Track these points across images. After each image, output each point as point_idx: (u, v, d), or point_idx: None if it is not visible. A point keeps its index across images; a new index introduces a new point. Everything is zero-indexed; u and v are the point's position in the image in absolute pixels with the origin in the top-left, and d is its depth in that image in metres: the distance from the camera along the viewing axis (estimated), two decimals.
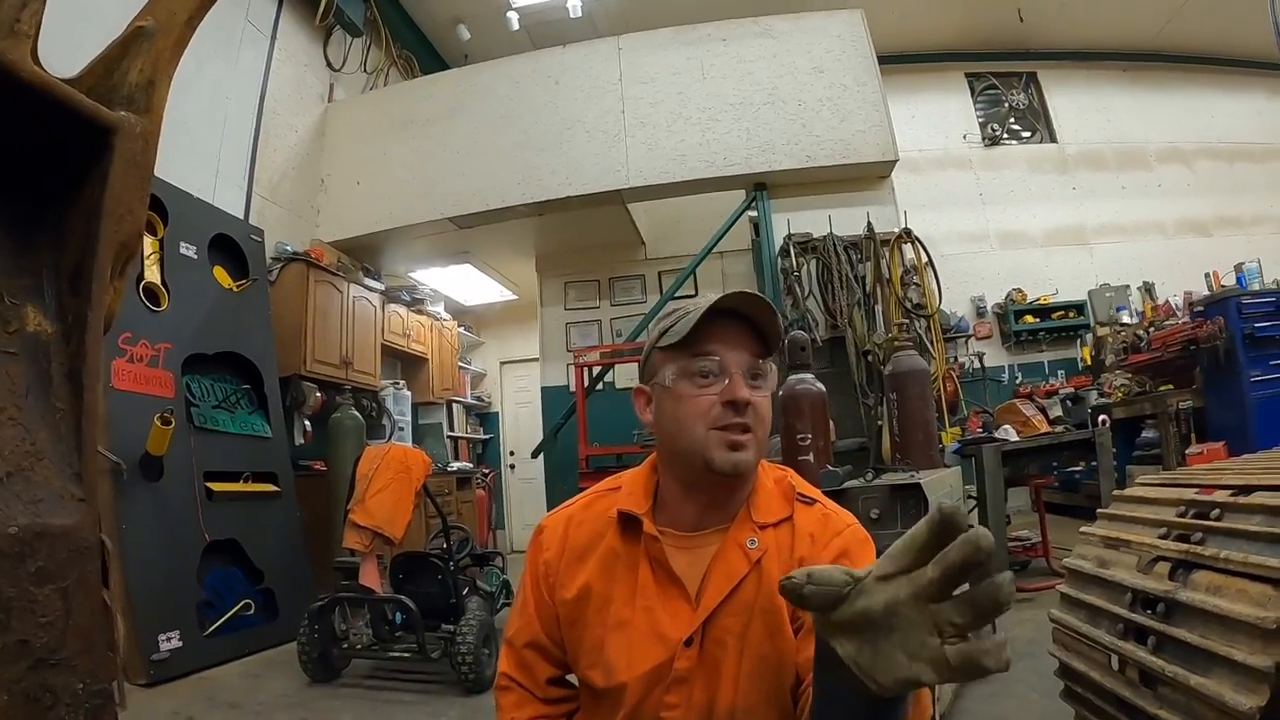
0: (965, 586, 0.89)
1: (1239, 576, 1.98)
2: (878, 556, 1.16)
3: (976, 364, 10.68)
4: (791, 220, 8.23)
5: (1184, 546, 2.23)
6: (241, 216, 7.75)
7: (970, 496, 6.03)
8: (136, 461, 5.50)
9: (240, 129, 8.02)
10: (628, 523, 1.71)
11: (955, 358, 10.46)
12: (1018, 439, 6.44)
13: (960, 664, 0.87)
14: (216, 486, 6.27)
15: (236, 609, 6.12)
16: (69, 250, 1.31)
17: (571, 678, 1.85)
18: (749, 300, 1.63)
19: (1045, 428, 6.82)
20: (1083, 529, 2.81)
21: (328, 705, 4.91)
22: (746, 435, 1.58)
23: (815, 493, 1.75)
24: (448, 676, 5.08)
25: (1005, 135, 12.68)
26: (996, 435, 6.45)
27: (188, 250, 6.50)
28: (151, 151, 1.47)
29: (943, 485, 3.94)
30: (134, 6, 1.61)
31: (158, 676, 5.25)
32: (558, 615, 1.76)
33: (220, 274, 6.98)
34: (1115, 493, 2.86)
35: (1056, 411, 7.56)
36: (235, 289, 7.08)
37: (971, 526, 0.87)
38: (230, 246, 7.20)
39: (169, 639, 5.37)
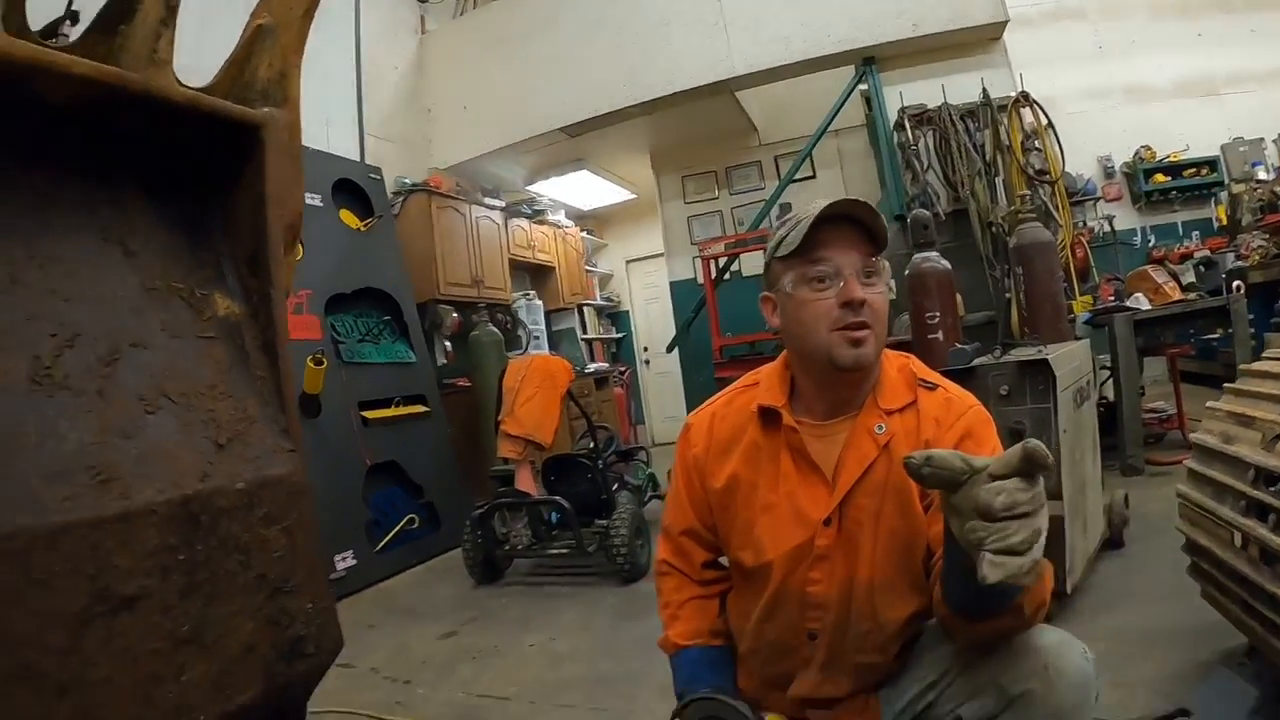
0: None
1: None
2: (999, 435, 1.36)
3: (1106, 228, 10.14)
4: (904, 92, 7.99)
5: None
6: (358, 159, 8.01)
7: (1104, 367, 5.93)
8: (296, 402, 5.82)
9: (342, 76, 8.24)
10: (767, 416, 1.88)
11: (1084, 222, 9.89)
12: (1149, 307, 6.22)
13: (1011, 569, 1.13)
14: (370, 414, 6.64)
15: (401, 524, 6.55)
16: (241, 238, 1.51)
17: (723, 560, 2.07)
18: (852, 205, 1.74)
19: (1178, 295, 6.53)
20: (1209, 404, 2.76)
21: (495, 603, 5.28)
22: (865, 332, 1.70)
23: (936, 377, 1.88)
24: (604, 568, 5.37)
25: None
26: (1128, 304, 6.25)
27: (313, 200, 6.74)
28: (297, 138, 1.66)
29: (1071, 359, 3.88)
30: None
31: (337, 593, 5.63)
32: (709, 503, 1.96)
33: (347, 216, 7.26)
34: (1242, 367, 2.77)
35: (1190, 278, 7.29)
36: (363, 228, 7.36)
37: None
38: (352, 189, 7.46)
39: (344, 558, 5.80)
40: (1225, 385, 2.75)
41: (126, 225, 1.36)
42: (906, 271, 4.98)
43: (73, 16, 2.26)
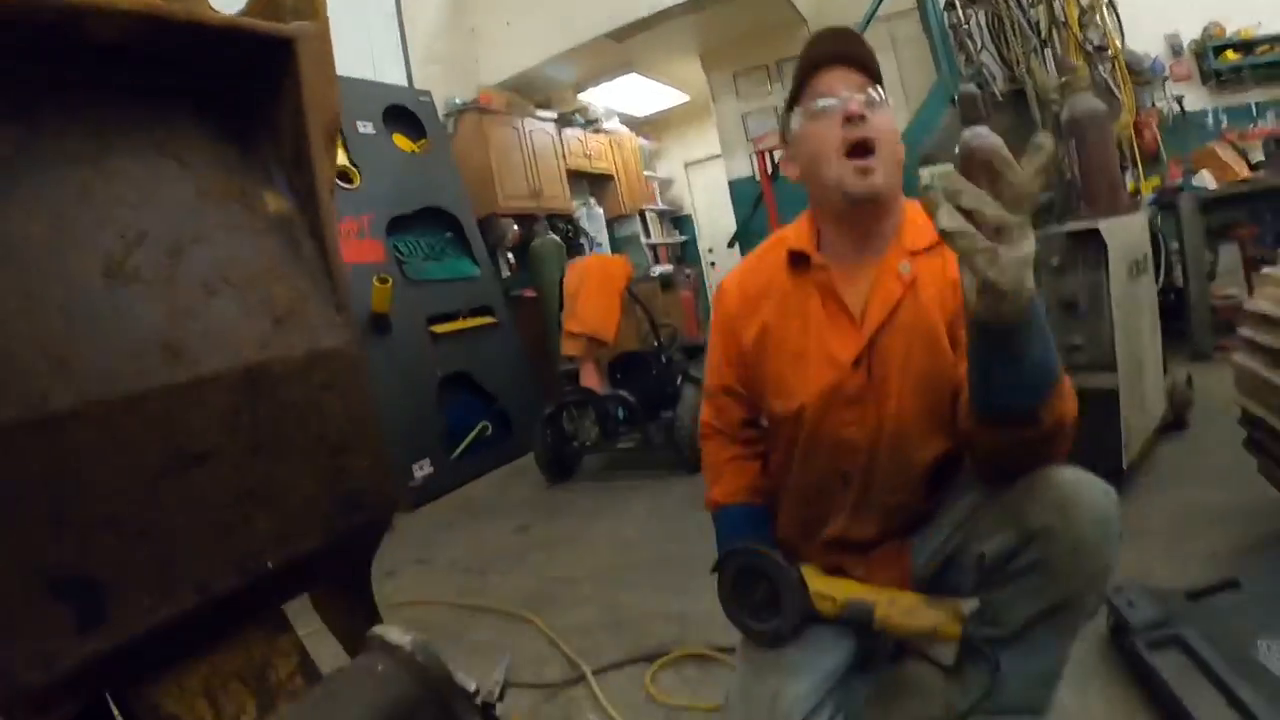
0: None
1: None
2: None
3: (1175, 109, 9.76)
4: None
5: None
6: (406, 84, 8.12)
7: (1176, 252, 5.79)
8: (367, 322, 6.06)
9: (382, 3, 8.29)
10: (796, 262, 1.95)
11: (1151, 103, 9.41)
12: (1215, 186, 6.09)
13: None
14: (439, 329, 6.83)
15: (475, 432, 6.81)
16: (284, 142, 1.63)
17: (763, 421, 2.14)
18: (838, 38, 1.82)
19: (1245, 174, 6.31)
20: (1265, 269, 2.71)
21: (566, 498, 5.51)
22: (870, 158, 1.74)
23: None
24: (671, 459, 5.51)
25: None
26: (1193, 183, 6.13)
27: (365, 127, 6.86)
28: (328, 46, 1.77)
29: (1126, 230, 3.78)
30: None
31: (417, 501, 5.96)
32: (745, 359, 2.03)
33: (401, 140, 7.35)
34: None
35: (1258, 156, 7.06)
36: (417, 150, 7.46)
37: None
38: (403, 114, 7.51)
39: (421, 467, 6.04)
40: None
41: (179, 142, 1.48)
42: (956, 149, 4.93)
43: None
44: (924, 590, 1.85)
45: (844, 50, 1.81)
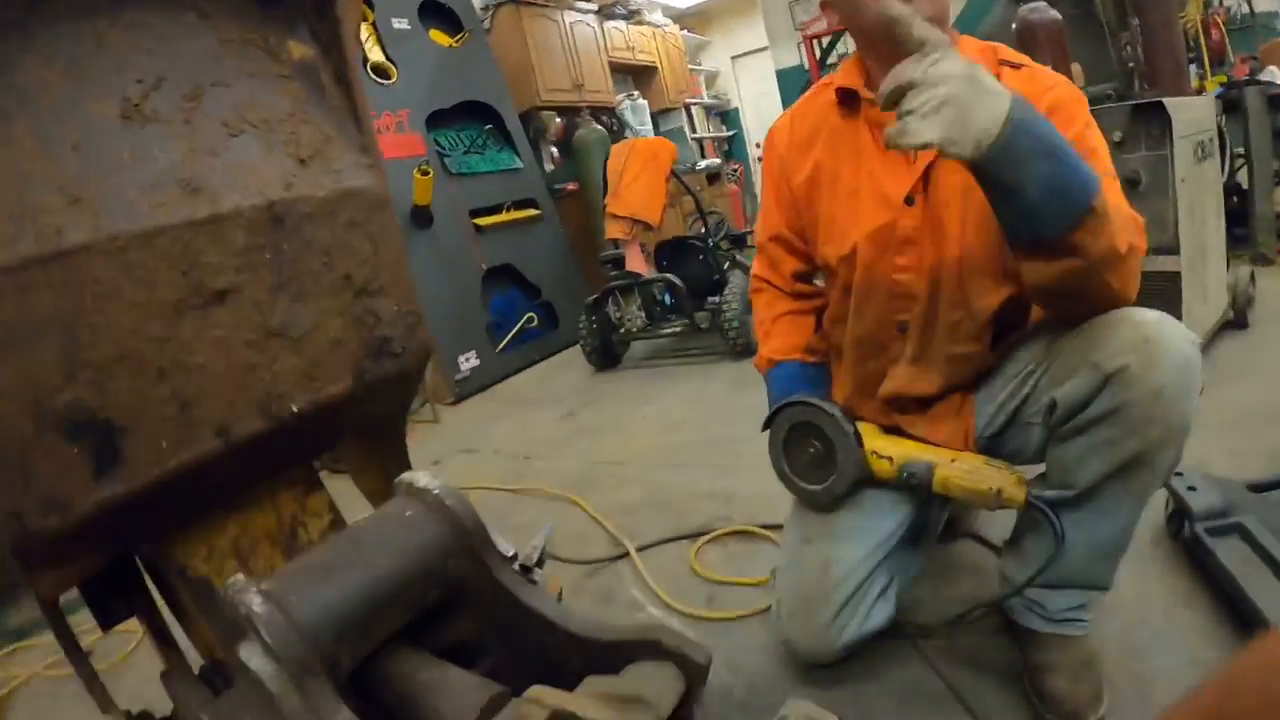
0: None
1: None
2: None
3: (1245, 8, 9.37)
4: None
5: None
6: None
7: (1238, 154, 5.52)
8: (409, 214, 6.01)
9: None
10: (846, 100, 1.86)
11: (1220, 1, 9.03)
12: None
13: None
14: (482, 221, 6.79)
15: (521, 324, 6.78)
16: None
17: (817, 281, 2.10)
18: None
19: None
20: None
21: (612, 386, 5.50)
22: None
23: (1023, 58, 1.78)
24: (717, 346, 5.51)
25: None
26: (1261, 78, 5.79)
27: (400, 23, 6.74)
28: None
29: (1191, 108, 3.64)
30: None
31: (462, 393, 5.97)
32: (796, 204, 1.97)
33: (437, 35, 7.20)
34: None
35: None
36: (455, 44, 7.31)
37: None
38: (438, 9, 7.34)
39: (467, 359, 6.04)
40: None
41: None
42: (1014, 25, 4.78)
43: None
44: (987, 452, 1.78)
45: None
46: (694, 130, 12.24)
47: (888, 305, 1.82)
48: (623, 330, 5.72)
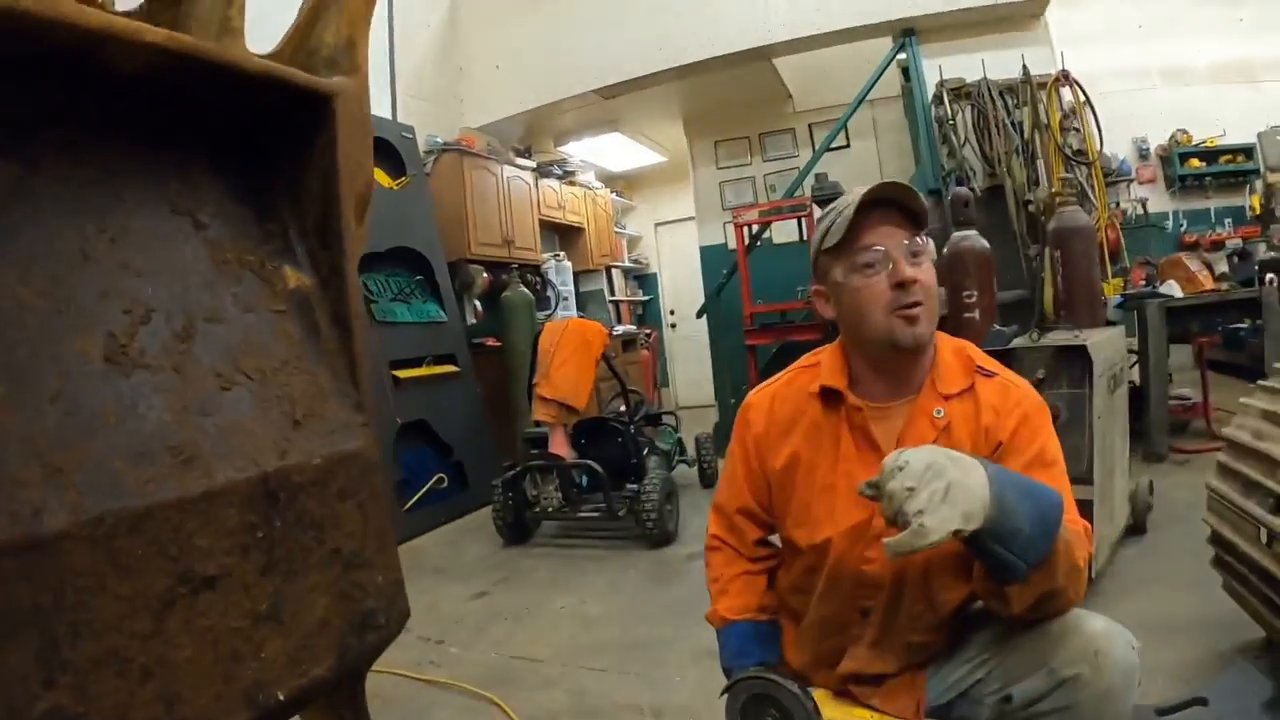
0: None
1: None
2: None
3: (1139, 210, 10.08)
4: (943, 66, 7.88)
5: None
6: (390, 117, 7.95)
7: (1131, 351, 5.81)
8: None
9: (375, 33, 8.03)
10: (829, 397, 1.91)
11: (1117, 203, 9.62)
12: (1181, 295, 6.21)
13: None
14: (402, 373, 6.69)
15: (431, 484, 6.63)
16: (309, 210, 1.51)
17: (774, 538, 2.10)
18: (890, 188, 1.77)
19: (1210, 284, 6.51)
20: (1242, 399, 2.80)
21: (525, 564, 5.34)
22: (918, 309, 1.74)
23: (994, 364, 1.91)
24: (632, 533, 5.40)
25: None
26: (1160, 290, 6.25)
27: None
28: (367, 107, 1.65)
29: (1107, 346, 3.92)
30: None
31: None
32: (768, 483, 1.99)
33: (379, 175, 7.16)
34: (1276, 364, 2.80)
35: (1222, 267, 7.21)
36: (395, 187, 7.34)
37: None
38: (384, 147, 7.39)
39: None
40: (1259, 382, 2.78)
41: (195, 197, 1.36)
42: (945, 250, 4.99)
43: None
44: (935, 717, 1.85)
45: (896, 195, 1.78)
46: (612, 293, 12.35)
47: (854, 592, 1.87)
48: (538, 509, 5.62)
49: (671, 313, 13.65)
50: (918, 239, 1.78)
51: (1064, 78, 7.58)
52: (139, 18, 1.24)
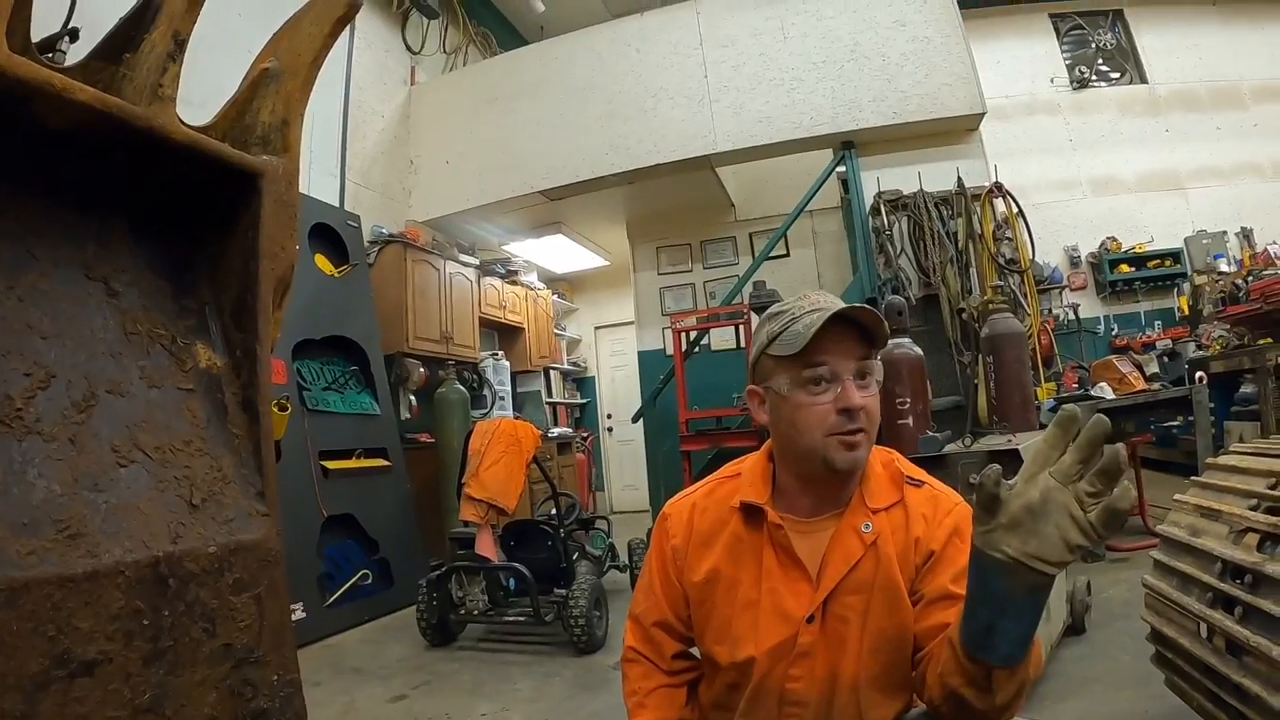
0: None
1: None
2: None
3: (1071, 316, 10.42)
4: (881, 178, 8.14)
5: (1273, 519, 2.24)
6: (337, 204, 7.98)
7: None
8: (275, 464, 5.72)
9: (328, 119, 8.19)
10: (750, 511, 1.85)
11: (1049, 310, 10.11)
12: (1113, 397, 6.32)
13: (1102, 520, 1.20)
14: (331, 464, 6.56)
15: (355, 579, 6.44)
16: (228, 288, 1.46)
17: (694, 651, 2.01)
18: (858, 310, 1.72)
19: (1141, 385, 6.66)
20: (1176, 496, 2.82)
21: (447, 667, 5.15)
22: (859, 435, 1.69)
23: (922, 474, 1.86)
24: (559, 638, 5.29)
25: (1093, 77, 12.15)
26: (1092, 393, 6.36)
27: None
28: (295, 189, 1.62)
29: None
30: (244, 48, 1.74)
31: None
32: (686, 596, 1.92)
33: (322, 261, 7.21)
34: (1209, 460, 2.83)
35: (1153, 368, 7.42)
36: (337, 274, 7.31)
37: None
38: (329, 234, 7.41)
39: (294, 610, 5.65)
40: (1192, 479, 2.82)
41: (111, 263, 1.31)
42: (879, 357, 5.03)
43: (72, 34, 2.17)
44: None
45: (856, 315, 1.72)
46: (550, 394, 12.35)
47: (778, 711, 1.79)
48: (463, 611, 5.47)
49: (609, 416, 13.65)
50: (869, 361, 1.74)
51: (997, 189, 7.90)
52: (76, 75, 1.20)
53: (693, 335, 8.64)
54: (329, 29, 1.76)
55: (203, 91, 1.58)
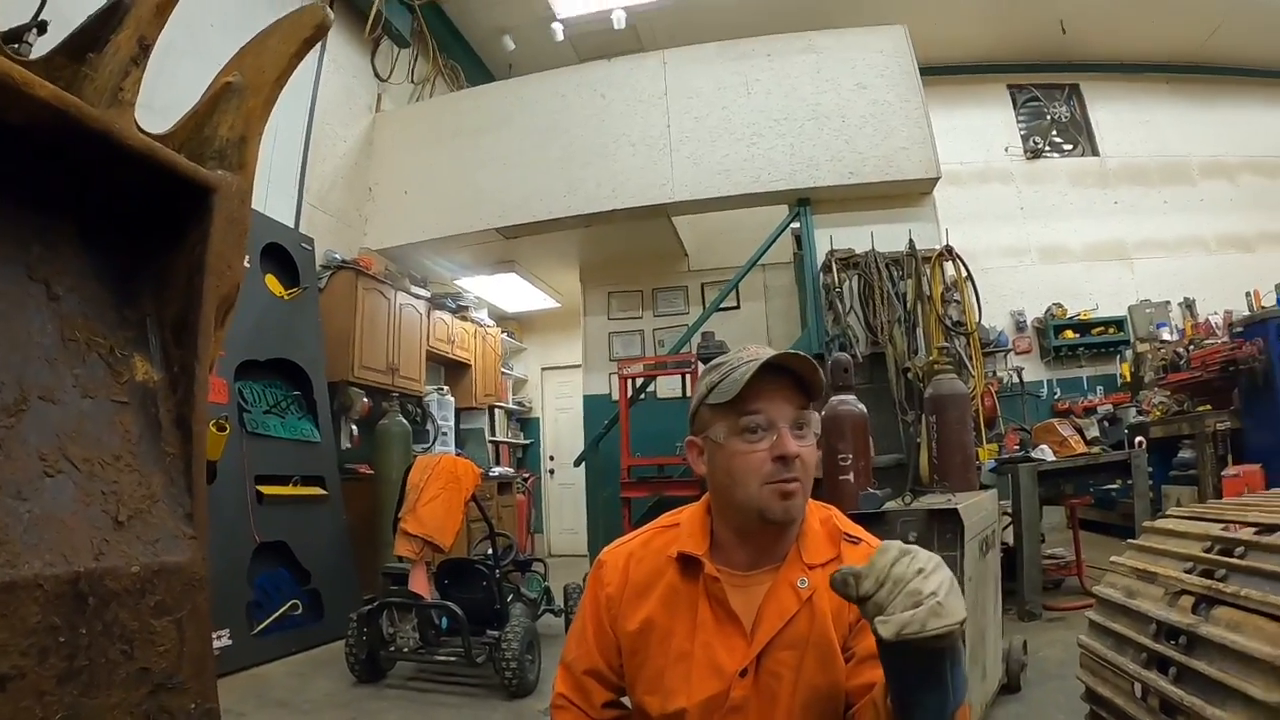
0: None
1: (1258, 615, 2.02)
2: None
3: (1015, 379, 10.62)
4: (834, 236, 8.27)
5: (1207, 582, 2.28)
6: (292, 225, 7.91)
7: (1005, 514, 6.04)
8: (205, 485, 5.60)
9: (291, 139, 8.16)
10: (688, 562, 1.83)
11: (994, 372, 10.35)
12: (1054, 459, 6.47)
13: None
14: (267, 490, 6.45)
15: (284, 609, 6.31)
16: (171, 302, 1.42)
17: (625, 700, 1.97)
18: (792, 358, 1.73)
19: (1082, 448, 6.84)
20: (1113, 558, 2.86)
21: (374, 705, 5.04)
22: (796, 484, 1.69)
23: (859, 531, 1.86)
24: (490, 681, 5.20)
25: (1047, 148, 12.58)
26: (1033, 455, 6.48)
27: None
28: (247, 208, 1.59)
29: (979, 509, 4.00)
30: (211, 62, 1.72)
31: None
32: (619, 645, 1.89)
33: (272, 282, 7.13)
34: (1145, 524, 2.90)
35: (1094, 432, 7.56)
36: (286, 297, 7.23)
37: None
38: (281, 255, 7.34)
39: (219, 637, 5.52)
40: (1129, 542, 2.87)
41: (55, 265, 1.27)
42: (823, 413, 5.05)
43: (40, 26, 2.11)
44: None
45: (793, 365, 1.75)
46: (493, 433, 12.29)
47: None
48: (394, 648, 5.38)
49: (551, 458, 13.62)
50: (806, 412, 1.76)
51: (947, 253, 8.05)
52: (38, 70, 1.17)
53: (639, 382, 8.64)
54: (295, 48, 1.74)
55: (165, 99, 1.55)
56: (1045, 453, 6.57)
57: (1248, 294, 10.03)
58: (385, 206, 9.58)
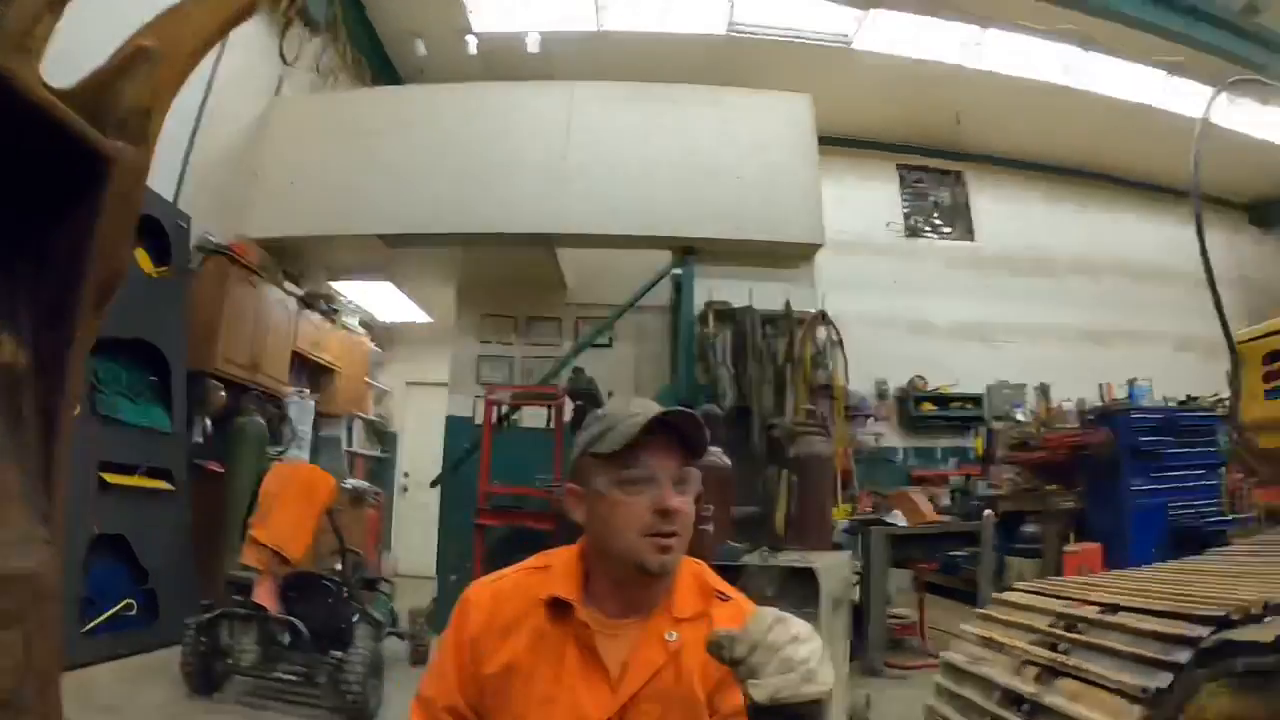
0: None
1: (1097, 687, 2.15)
2: None
3: (873, 443, 10.99)
4: (713, 288, 8.47)
5: (1051, 654, 2.41)
6: (171, 199, 7.55)
7: (856, 573, 6.25)
8: (65, 486, 5.31)
9: (182, 107, 7.76)
10: (558, 606, 1.80)
11: (854, 435, 10.78)
12: (906, 525, 6.72)
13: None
14: (110, 478, 6.16)
15: (118, 608, 6.04)
16: (48, 282, 1.29)
17: None
18: (679, 415, 1.76)
19: (933, 516, 7.14)
20: (963, 625, 2.98)
21: None
22: (674, 538, 1.73)
23: (729, 588, 1.91)
24: (331, 702, 5.04)
25: (926, 228, 13.33)
26: (886, 519, 6.73)
27: None
28: (142, 187, 1.45)
29: (835, 569, 4.20)
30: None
31: None
32: (481, 686, 1.82)
33: (141, 257, 6.85)
34: (994, 595, 3.07)
35: (945, 501, 7.83)
36: (154, 274, 6.97)
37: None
38: (155, 229, 7.04)
39: None
40: (977, 611, 3.04)
41: None
42: None
43: None
44: None
45: (679, 421, 1.78)
46: (350, 444, 12.08)
47: None
48: (231, 661, 5.18)
49: (406, 475, 13.53)
50: (687, 469, 1.80)
51: (821, 317, 8.49)
52: None
53: (505, 409, 8.65)
54: (219, 24, 1.61)
55: (60, 51, 1.41)
56: (897, 518, 6.83)
57: (1100, 385, 10.75)
58: (269, 194, 9.23)
